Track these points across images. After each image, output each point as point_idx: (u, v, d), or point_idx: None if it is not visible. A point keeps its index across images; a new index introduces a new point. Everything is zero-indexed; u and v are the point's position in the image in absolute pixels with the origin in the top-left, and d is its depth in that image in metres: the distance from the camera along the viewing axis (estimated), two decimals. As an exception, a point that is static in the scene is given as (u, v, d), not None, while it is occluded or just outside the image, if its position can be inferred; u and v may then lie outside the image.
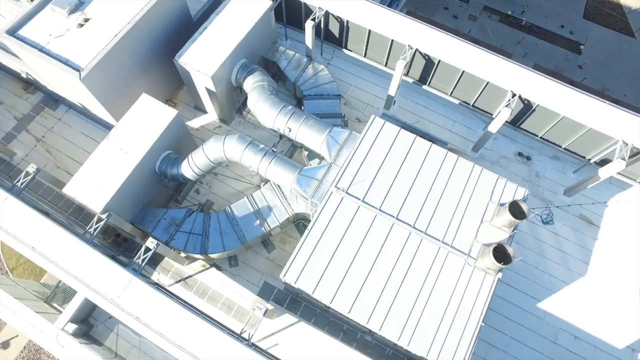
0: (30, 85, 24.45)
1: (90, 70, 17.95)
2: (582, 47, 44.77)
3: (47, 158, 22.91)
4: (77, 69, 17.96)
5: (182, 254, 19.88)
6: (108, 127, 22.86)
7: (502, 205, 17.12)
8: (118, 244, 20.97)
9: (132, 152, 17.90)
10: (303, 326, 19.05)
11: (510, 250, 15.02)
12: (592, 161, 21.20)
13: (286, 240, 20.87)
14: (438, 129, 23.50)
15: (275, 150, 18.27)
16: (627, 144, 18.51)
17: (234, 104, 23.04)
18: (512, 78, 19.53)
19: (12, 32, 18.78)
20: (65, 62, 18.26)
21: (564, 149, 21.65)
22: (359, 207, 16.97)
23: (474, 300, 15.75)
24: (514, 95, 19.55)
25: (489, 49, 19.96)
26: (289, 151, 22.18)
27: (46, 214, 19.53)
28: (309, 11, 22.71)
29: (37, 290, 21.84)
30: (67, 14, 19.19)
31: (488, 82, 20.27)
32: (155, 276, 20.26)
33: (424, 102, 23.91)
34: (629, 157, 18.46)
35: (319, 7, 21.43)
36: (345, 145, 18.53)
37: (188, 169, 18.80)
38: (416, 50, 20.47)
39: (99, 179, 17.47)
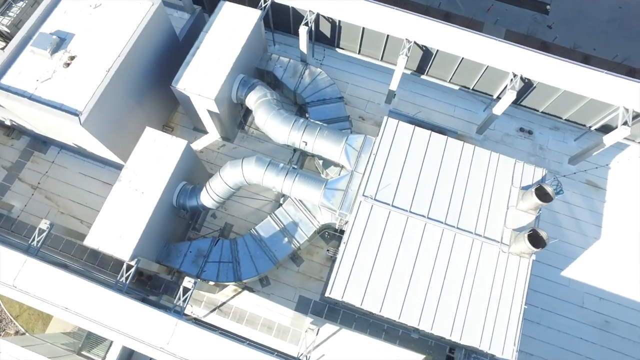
0: (12, 130, 22.98)
1: (90, 113, 17.00)
2: (548, 7, 45.68)
3: (48, 205, 21.81)
4: (75, 113, 16.96)
5: (211, 282, 19.63)
6: (106, 163, 21.96)
7: (523, 189, 17.63)
8: (143, 283, 20.43)
9: (148, 191, 17.25)
10: (346, 333, 19.40)
11: (543, 234, 15.56)
12: (592, 128, 21.99)
13: (313, 251, 20.87)
14: (440, 116, 23.72)
15: (296, 167, 18.01)
16: (627, 110, 19.27)
17: (235, 121, 22.45)
18: (512, 59, 19.80)
19: (-6, 82, 17.48)
20: (60, 108, 17.19)
21: (565, 120, 22.33)
22: (389, 212, 17.09)
23: (513, 285, 16.34)
24: (515, 75, 19.89)
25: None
26: (299, 160, 21.93)
27: (65, 266, 18.83)
28: (297, 15, 22.11)
29: (65, 343, 21.15)
30: (49, 54, 17.95)
31: (488, 66, 20.49)
32: (189, 309, 19.95)
33: (422, 91, 23.99)
34: (632, 122, 19.25)
35: (310, 11, 20.89)
36: (363, 151, 18.47)
37: (208, 198, 18.34)
38: (414, 42, 20.38)
39: (120, 225, 16.81)
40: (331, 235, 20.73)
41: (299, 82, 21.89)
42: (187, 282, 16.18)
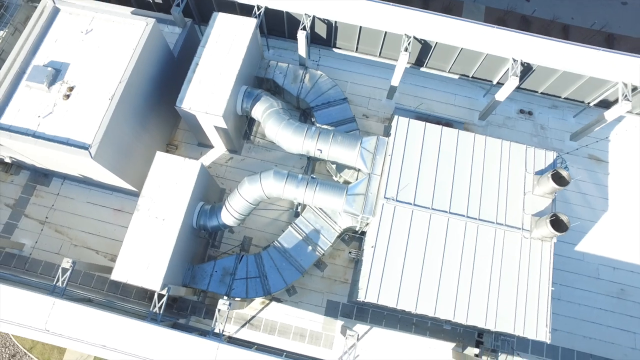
0: (10, 165, 22.19)
1: (99, 145, 16.54)
2: (524, -20, 45.98)
3: (59, 239, 21.30)
4: (84, 147, 16.49)
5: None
6: (114, 189, 21.50)
7: (537, 174, 18.07)
8: (169, 307, 20.29)
9: (169, 218, 17.02)
10: (377, 331, 19.82)
11: (564, 217, 16.06)
12: (591, 104, 22.53)
13: (335, 254, 21.04)
14: (442, 105, 23.92)
15: (315, 176, 17.99)
16: (626, 85, 19.80)
17: (240, 132, 22.19)
18: (511, 45, 20.01)
19: (-6, 123, 16.80)
20: (67, 143, 16.69)
21: (564, 98, 22.80)
22: (412, 211, 17.32)
23: (539, 269, 16.89)
24: (515, 61, 20.14)
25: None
26: (310, 165, 21.90)
27: (89, 300, 18.60)
28: (291, 18, 21.76)
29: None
30: (47, 87, 17.31)
31: (487, 54, 20.67)
32: (220, 327, 19.94)
33: (422, 83, 24.08)
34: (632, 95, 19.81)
35: (306, 14, 20.58)
36: (377, 152, 18.55)
37: (229, 216, 18.22)
38: (413, 37, 20.35)
39: (145, 255, 16.60)
40: (351, 237, 20.92)
41: (301, 87, 21.69)
42: (222, 304, 16.20)
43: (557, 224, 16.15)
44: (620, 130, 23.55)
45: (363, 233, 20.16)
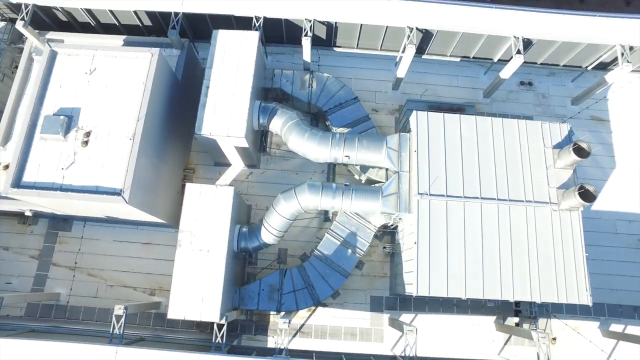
0: (27, 217, 21.54)
1: (131, 189, 16.29)
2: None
3: (94, 282, 21.09)
4: (116, 193, 16.20)
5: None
6: (138, 224, 21.23)
7: (555, 147, 18.83)
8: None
9: (213, 249, 17.09)
10: (423, 317, 20.74)
11: (591, 188, 16.93)
12: (588, 68, 23.30)
13: (370, 251, 21.49)
14: (446, 89, 24.29)
15: (348, 184, 18.26)
16: (624, 47, 20.54)
17: (257, 146, 22.09)
18: (513, 24, 20.36)
19: (17, 183, 16.26)
20: (97, 191, 16.35)
21: (562, 66, 23.48)
22: (446, 202, 17.87)
23: (571, 237, 17.84)
24: (516, 38, 20.54)
25: None
26: (331, 170, 22.09)
27: (142, 339, 18.70)
28: (290, 24, 21.44)
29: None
30: (63, 137, 16.76)
31: (488, 35, 20.99)
32: (272, 341, 20.45)
33: (423, 69, 24.25)
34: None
35: (306, 19, 20.31)
36: (402, 149, 18.90)
37: (269, 235, 18.42)
38: (415, 28, 20.43)
39: (197, 289, 16.70)
40: (382, 232, 21.42)
41: (310, 92, 21.62)
42: (283, 323, 16.61)
43: (585, 195, 17.01)
44: (616, 87, 24.50)
45: (394, 227, 20.75)
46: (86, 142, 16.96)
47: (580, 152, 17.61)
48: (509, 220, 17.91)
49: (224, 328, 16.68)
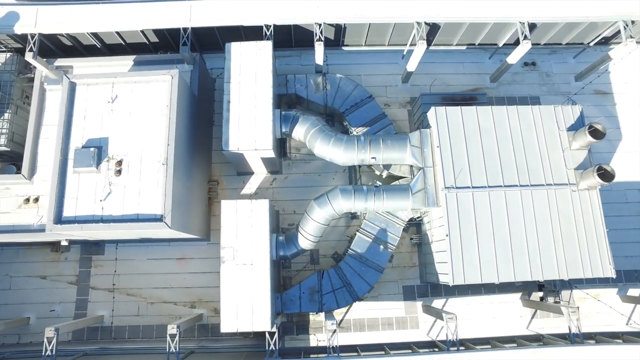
0: (59, 245, 21.78)
1: (171, 212, 16.67)
2: None
3: (134, 301, 21.63)
4: (157, 219, 16.58)
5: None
6: (168, 240, 21.67)
7: (570, 130, 19.59)
8: (261, 335, 21.40)
9: (256, 261, 17.70)
10: (453, 300, 21.87)
11: (609, 167, 17.81)
12: (590, 44, 23.90)
13: (398, 243, 22.32)
14: (454, 77, 24.74)
15: (378, 184, 18.87)
16: (626, 23, 21.12)
17: (279, 153, 22.45)
18: (518, 10, 20.74)
19: (59, 220, 16.51)
20: (137, 219, 16.71)
21: (565, 44, 24.03)
22: (472, 194, 18.64)
23: (591, 215, 18.82)
24: (522, 24, 20.96)
25: None
26: (354, 168, 22.59)
27: (192, 352, 19.48)
28: (298, 29, 21.50)
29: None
30: (95, 168, 16.96)
31: (494, 23, 21.37)
32: (314, 339, 21.40)
33: (429, 59, 24.38)
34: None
35: (316, 23, 20.38)
36: (424, 146, 19.49)
37: (306, 241, 19.08)
38: (424, 23, 20.69)
39: (246, 301, 17.39)
40: (408, 224, 22.18)
41: (325, 95, 21.89)
42: (331, 325, 17.50)
43: (604, 175, 17.91)
44: (615, 59, 25.16)
45: (420, 219, 21.54)
46: (119, 171, 17.18)
47: (595, 133, 18.40)
48: (532, 204, 18.78)
49: (276, 335, 17.49)
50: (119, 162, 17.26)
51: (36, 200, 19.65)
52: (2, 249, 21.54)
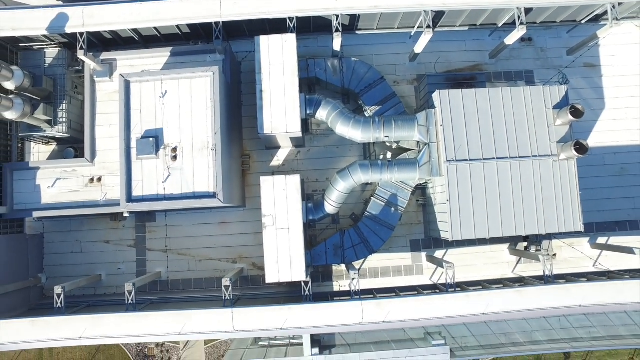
0: (117, 215, 25.55)
1: (222, 190, 20.21)
2: None
3: (185, 259, 25.85)
4: (211, 196, 20.18)
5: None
6: (210, 208, 25.35)
7: (555, 108, 22.62)
8: (293, 283, 25.87)
9: (292, 226, 21.56)
10: (452, 251, 26.14)
11: (585, 143, 21.13)
12: (582, 22, 26.15)
13: (406, 204, 26.19)
14: (456, 54, 27.19)
15: (390, 159, 22.33)
16: (614, 5, 23.37)
17: (303, 130, 25.53)
18: (516, -3, 22.95)
19: (130, 199, 20.10)
20: (194, 197, 20.30)
21: (560, 22, 26.27)
22: (469, 165, 22.12)
23: (568, 181, 22.41)
24: (519, 9, 23.20)
25: None
26: (367, 145, 25.81)
27: (239, 299, 23.95)
28: (317, 18, 23.70)
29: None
30: (155, 155, 20.24)
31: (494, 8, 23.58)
32: (337, 285, 25.93)
33: (434, 38, 26.41)
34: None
35: (334, 15, 22.63)
36: (429, 124, 22.61)
37: (331, 207, 22.93)
38: (431, 11, 22.92)
39: (284, 257, 21.47)
40: (415, 189, 25.83)
41: (342, 77, 24.59)
42: (353, 274, 21.76)
43: (580, 149, 21.28)
44: (604, 32, 27.49)
45: (425, 184, 25.18)
46: (175, 157, 20.49)
47: (575, 113, 21.52)
48: (520, 173, 22.33)
49: (310, 283, 21.82)
50: (174, 149, 20.52)
51: (99, 179, 23.09)
52: (70, 220, 25.32)
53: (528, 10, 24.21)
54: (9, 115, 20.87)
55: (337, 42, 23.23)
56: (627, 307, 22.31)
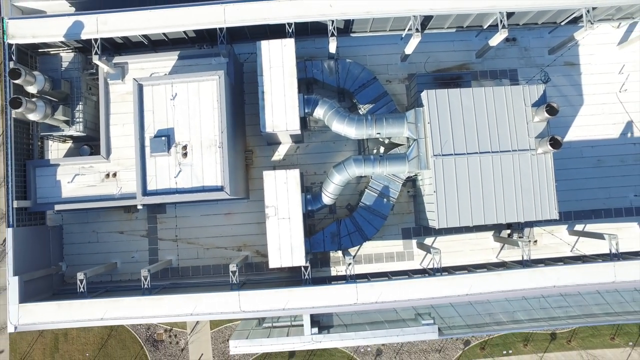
0: (130, 207, 27.54)
1: (229, 184, 22.20)
2: None
3: (193, 248, 27.95)
4: (219, 189, 22.18)
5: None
6: (216, 200, 27.38)
7: (534, 105, 24.54)
8: (293, 268, 28.01)
9: (292, 216, 23.62)
10: (440, 238, 28.26)
11: (559, 138, 23.09)
12: (562, 23, 27.93)
13: (397, 195, 28.21)
14: (444, 54, 29.02)
15: (382, 154, 24.31)
16: (588, 10, 25.15)
17: (302, 127, 27.45)
18: (497, 4, 24.65)
19: (145, 192, 22.11)
20: (203, 190, 22.31)
21: (541, 24, 28.06)
22: (454, 159, 24.10)
23: (545, 173, 24.43)
24: (501, 13, 24.97)
25: None
26: (362, 141, 27.76)
27: (244, 284, 26.11)
28: (313, 22, 25.45)
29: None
30: (167, 152, 22.19)
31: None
32: (334, 270, 28.09)
33: (423, 39, 28.29)
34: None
35: (330, 20, 24.41)
36: (418, 122, 24.54)
37: (327, 199, 24.97)
38: (419, 16, 24.70)
39: (286, 244, 23.56)
40: (406, 180, 27.86)
41: (338, 77, 26.44)
42: (349, 260, 23.88)
43: (555, 144, 23.24)
44: (583, 33, 29.29)
45: (415, 176, 27.19)
46: (185, 154, 22.46)
47: (551, 110, 23.43)
48: (500, 165, 24.33)
49: (309, 268, 23.94)
50: (184, 147, 22.47)
51: (114, 175, 25.05)
52: (87, 212, 27.34)
53: (510, 14, 26.01)
54: (33, 116, 22.75)
55: (332, 46, 25.05)
56: (598, 287, 24.51)
